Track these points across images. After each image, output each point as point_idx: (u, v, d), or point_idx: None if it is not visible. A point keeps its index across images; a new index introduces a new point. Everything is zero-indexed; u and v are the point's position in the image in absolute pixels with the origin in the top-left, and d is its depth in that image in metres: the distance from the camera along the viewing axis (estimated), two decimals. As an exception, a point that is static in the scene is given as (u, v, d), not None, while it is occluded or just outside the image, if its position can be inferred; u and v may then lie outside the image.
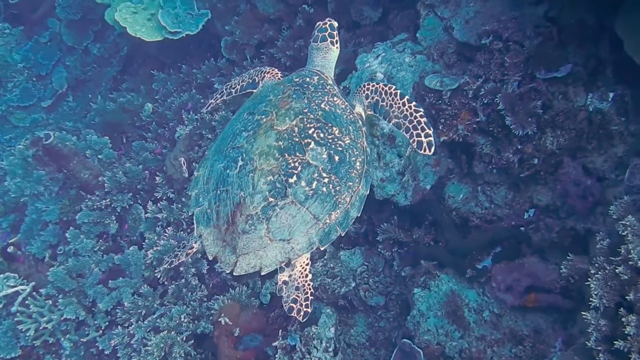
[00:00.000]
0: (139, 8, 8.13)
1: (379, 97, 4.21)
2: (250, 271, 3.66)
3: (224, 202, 3.76)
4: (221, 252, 3.76)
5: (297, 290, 3.80)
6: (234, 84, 4.93)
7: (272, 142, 3.73)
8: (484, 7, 5.48)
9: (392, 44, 6.04)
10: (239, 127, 4.00)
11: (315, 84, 4.15)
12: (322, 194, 3.69)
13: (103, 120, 8.32)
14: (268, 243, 3.64)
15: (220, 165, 3.89)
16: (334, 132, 3.86)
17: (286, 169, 3.65)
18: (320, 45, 4.51)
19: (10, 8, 11.21)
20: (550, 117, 4.91)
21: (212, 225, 3.84)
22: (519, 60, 5.04)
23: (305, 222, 3.67)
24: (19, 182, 7.49)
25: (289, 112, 3.86)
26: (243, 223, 3.63)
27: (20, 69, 10.59)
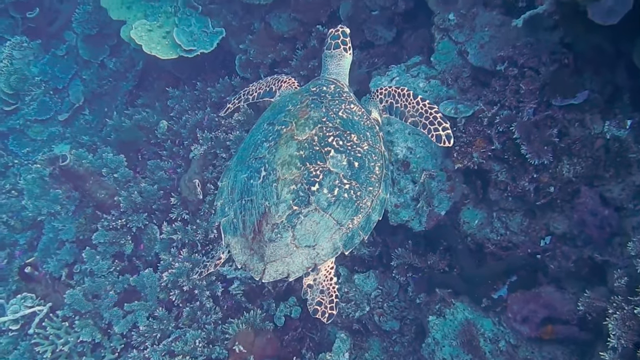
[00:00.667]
0: (154, 26, 8.16)
1: (392, 100, 4.33)
2: (278, 278, 3.75)
3: (249, 212, 3.83)
4: (249, 261, 3.83)
5: (322, 293, 3.88)
6: (252, 90, 4.98)
7: (294, 151, 3.80)
8: (499, 32, 5.43)
9: (406, 67, 6.01)
10: (259, 137, 4.07)
11: (332, 93, 4.22)
12: (343, 200, 3.76)
13: (119, 138, 8.36)
14: (294, 250, 3.72)
15: (244, 175, 3.96)
16: (352, 139, 3.93)
17: (308, 177, 3.72)
18: (334, 53, 4.56)
19: (27, 21, 11.31)
20: (566, 145, 4.87)
21: (239, 235, 3.91)
22: (534, 87, 4.99)
23: (329, 228, 3.75)
24: (36, 201, 7.54)
25: (308, 121, 3.93)
26: (269, 232, 3.69)
27: (37, 83, 10.66)
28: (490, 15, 5.50)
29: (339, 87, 4.34)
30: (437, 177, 5.49)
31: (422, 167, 5.49)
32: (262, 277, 3.74)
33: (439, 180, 5.49)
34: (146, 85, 9.79)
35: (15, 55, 10.82)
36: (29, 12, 11.02)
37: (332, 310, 3.86)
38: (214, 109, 7.85)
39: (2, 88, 10.57)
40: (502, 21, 5.44)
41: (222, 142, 7.10)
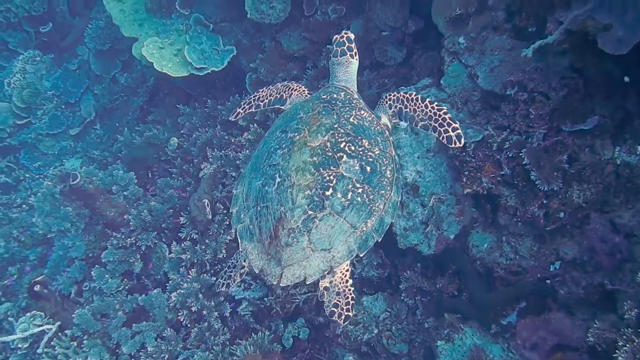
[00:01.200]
0: (165, 43, 8.21)
1: (401, 105, 4.46)
2: (296, 281, 3.83)
3: (265, 218, 3.92)
4: (267, 265, 3.91)
5: (338, 295, 3.98)
6: (262, 97, 5.07)
7: (307, 158, 3.89)
8: (509, 57, 5.41)
9: (416, 89, 6.00)
10: (273, 145, 4.16)
11: (343, 100, 4.33)
12: (357, 203, 3.85)
13: (129, 154, 8.40)
14: (310, 254, 3.81)
15: (258, 182, 4.05)
16: (364, 144, 4.03)
17: (322, 182, 3.81)
18: (341, 60, 4.66)
19: (40, 35, 11.41)
20: (576, 171, 4.85)
21: (255, 240, 4.00)
22: (544, 112, 4.97)
23: (344, 232, 3.84)
24: (46, 218, 7.58)
25: (320, 128, 4.02)
26: (286, 236, 3.78)
27: (49, 97, 10.74)
28: (500, 39, 5.49)
29: (348, 94, 4.46)
30: (446, 201, 5.47)
31: (431, 191, 5.48)
32: (279, 281, 3.83)
33: (448, 204, 5.47)
34: (157, 101, 9.84)
35: (28, 69, 10.92)
36: (43, 26, 11.13)
37: (348, 312, 3.96)
38: (225, 127, 7.87)
39: (15, 102, 10.66)
40: (512, 45, 5.42)
41: (232, 161, 7.12)
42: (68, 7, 11.61)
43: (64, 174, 7.51)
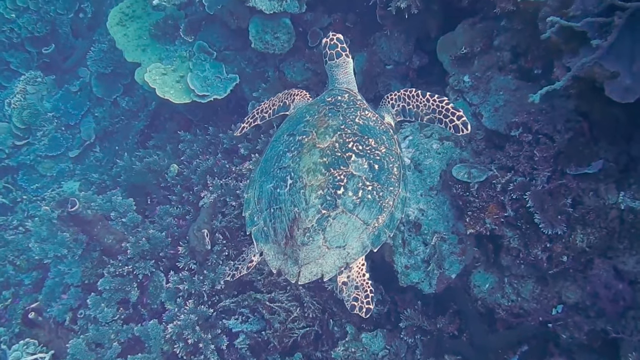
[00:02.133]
0: (168, 69, 8.21)
1: (404, 103, 4.51)
2: (313, 279, 3.89)
3: (279, 219, 3.95)
4: (284, 265, 3.96)
5: (357, 289, 4.01)
6: (266, 108, 5.09)
7: (317, 159, 3.95)
8: (514, 97, 5.41)
9: (420, 125, 5.99)
10: (281, 148, 4.21)
11: (347, 101, 4.40)
12: (368, 201, 3.91)
13: (128, 180, 8.36)
14: (326, 251, 3.86)
15: (270, 185, 4.09)
16: (370, 143, 4.09)
17: (333, 182, 3.87)
18: (339, 62, 4.67)
19: (42, 56, 11.43)
20: (580, 215, 4.81)
21: (270, 242, 4.03)
22: (548, 155, 4.96)
23: (357, 228, 3.89)
24: (43, 244, 7.51)
25: (327, 130, 4.09)
26: (301, 236, 3.82)
27: (49, 118, 10.74)
28: (505, 79, 5.50)
29: (352, 95, 4.54)
30: (448, 239, 5.43)
31: (433, 229, 5.44)
32: (297, 279, 3.88)
33: (450, 243, 5.44)
34: (157, 125, 9.83)
35: (29, 90, 10.92)
36: (45, 47, 11.18)
37: (368, 304, 3.98)
38: (226, 155, 7.85)
39: (15, 122, 10.66)
40: (517, 86, 5.42)
41: (232, 190, 7.08)
42: (71, 28, 11.68)
43: (62, 199, 7.47)
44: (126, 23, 9.09)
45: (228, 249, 6.74)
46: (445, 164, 5.52)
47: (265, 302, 6.21)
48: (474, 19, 5.78)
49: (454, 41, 5.81)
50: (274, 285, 6.45)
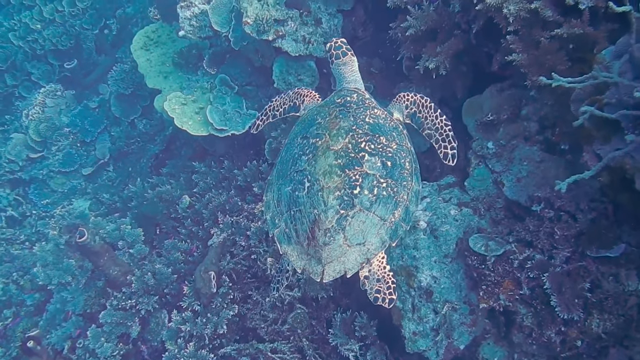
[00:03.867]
0: (188, 100, 8.15)
1: (417, 109, 4.76)
2: (337, 276, 4.04)
3: (300, 221, 4.11)
4: (308, 265, 4.11)
5: (379, 281, 4.21)
6: (276, 106, 5.25)
7: (332, 161, 4.12)
8: (538, 169, 5.29)
9: (439, 186, 5.88)
10: (296, 151, 4.36)
11: (356, 101, 4.58)
12: (383, 197, 4.08)
13: (139, 209, 8.27)
14: (347, 249, 4.02)
15: (288, 188, 4.25)
16: (381, 141, 4.26)
17: (349, 182, 4.04)
18: (345, 60, 4.86)
19: (64, 70, 11.43)
20: (598, 300, 4.68)
21: (293, 243, 4.19)
22: (569, 234, 4.84)
23: (375, 225, 4.06)
24: (48, 269, 7.43)
25: (340, 131, 4.25)
26: (323, 236, 3.98)
27: (66, 133, 10.72)
28: (530, 150, 5.38)
29: (360, 94, 4.71)
30: (459, 309, 5.30)
31: (445, 298, 5.31)
32: (322, 277, 4.04)
33: (461, 313, 5.30)
34: (173, 150, 9.79)
35: (48, 103, 10.94)
36: (67, 62, 11.16)
37: (391, 295, 4.17)
38: (238, 191, 7.74)
39: (31, 134, 10.66)
40: (542, 158, 5.30)
41: (242, 230, 6.98)
42: (95, 44, 11.67)
43: (70, 224, 7.39)
44: (150, 48, 9.07)
45: (234, 291, 6.62)
46: (462, 232, 5.40)
47: (267, 353, 6.09)
48: (503, 85, 5.68)
49: (480, 105, 5.71)
50: (278, 334, 6.34)
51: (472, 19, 5.51)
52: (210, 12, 7.51)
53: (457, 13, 5.65)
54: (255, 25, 6.99)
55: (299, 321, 6.32)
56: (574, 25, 4.69)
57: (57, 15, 11.75)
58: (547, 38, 4.89)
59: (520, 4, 4.94)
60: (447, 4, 5.79)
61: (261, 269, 6.64)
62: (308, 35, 7.12)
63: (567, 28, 4.72)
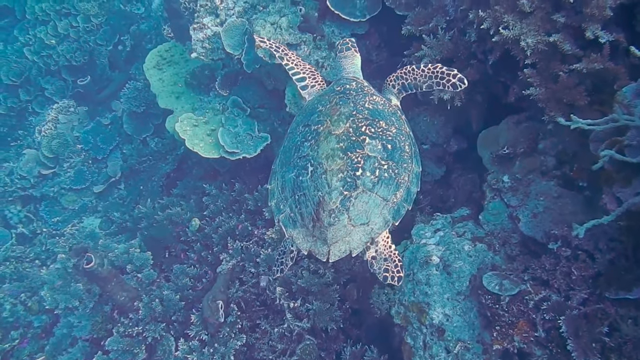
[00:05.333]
0: (200, 121, 8.06)
1: (402, 80, 4.99)
2: (343, 255, 4.17)
3: (304, 204, 4.25)
4: (313, 246, 4.24)
5: (386, 261, 4.41)
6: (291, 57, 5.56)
7: (334, 145, 4.27)
8: (555, 204, 5.13)
9: (452, 219, 5.74)
10: (299, 139, 4.53)
11: (355, 89, 4.78)
12: (385, 179, 4.23)
13: (149, 231, 8.18)
14: (352, 229, 4.15)
15: (291, 174, 4.40)
16: (381, 125, 4.43)
17: (352, 164, 4.19)
18: (347, 54, 5.25)
19: (77, 86, 11.42)
20: (616, 344, 4.49)
21: (298, 226, 4.32)
22: (587, 274, 4.67)
23: (377, 205, 4.20)
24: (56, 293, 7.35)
25: (340, 117, 4.43)
26: (328, 217, 4.11)
27: (78, 150, 10.68)
28: (547, 185, 5.22)
29: (359, 83, 4.92)
30: (472, 349, 5.13)
31: (457, 336, 5.15)
32: (328, 257, 4.15)
33: (474, 352, 5.13)
34: (184, 169, 9.72)
35: (61, 119, 10.92)
36: (81, 79, 11.13)
37: (399, 273, 4.41)
38: (249, 215, 7.64)
39: (43, 151, 10.62)
40: (559, 194, 5.15)
41: (252, 256, 6.88)
42: (109, 60, 11.65)
43: (79, 247, 7.31)
44: (163, 67, 9.03)
45: (242, 320, 6.51)
46: (476, 269, 5.24)
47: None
48: (520, 117, 5.54)
49: (496, 137, 5.57)
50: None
51: (488, 49, 5.38)
52: (223, 35, 7.42)
53: (473, 42, 5.52)
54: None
55: (307, 352, 6.18)
56: (594, 60, 4.57)
57: (72, 31, 11.77)
58: (565, 72, 4.75)
59: (538, 36, 4.82)
60: (463, 33, 5.67)
61: (270, 297, 6.52)
62: (321, 60, 7.01)
63: (586, 63, 4.60)
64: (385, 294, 5.67)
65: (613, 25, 4.68)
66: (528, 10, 4.86)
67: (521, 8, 4.87)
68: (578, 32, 4.75)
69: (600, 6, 4.52)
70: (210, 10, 7.76)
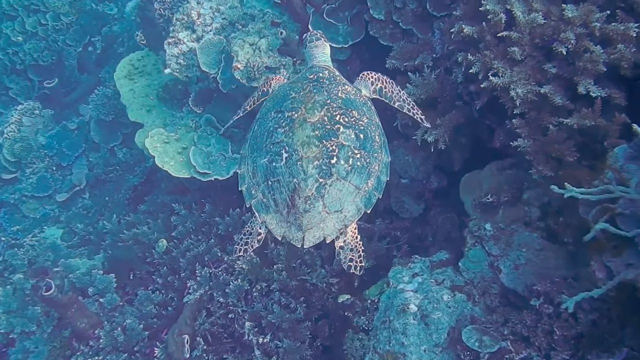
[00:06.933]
0: (171, 138, 7.76)
1: (382, 85, 5.14)
2: (317, 242, 4.33)
3: (278, 190, 4.35)
4: (288, 232, 4.39)
5: (352, 251, 4.48)
6: (250, 103, 5.69)
7: (309, 132, 4.35)
8: (537, 257, 5.00)
9: (431, 263, 5.58)
10: (271, 125, 4.58)
11: (328, 77, 4.86)
12: (357, 167, 4.36)
13: (113, 250, 7.85)
14: (326, 216, 4.30)
15: (264, 160, 4.48)
16: (354, 115, 4.55)
17: (327, 152, 4.29)
18: (317, 44, 5.30)
19: (43, 87, 10.97)
20: (598, 410, 4.38)
21: (272, 212, 4.44)
22: (569, 334, 4.54)
23: (350, 193, 4.35)
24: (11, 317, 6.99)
25: (315, 105, 4.50)
26: (303, 204, 4.24)
27: (41, 155, 10.25)
28: (530, 236, 5.08)
29: (331, 72, 5.03)
30: (448, 403, 4.98)
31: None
32: (303, 243, 4.30)
33: (449, 407, 4.99)
34: (153, 181, 9.42)
35: (25, 122, 10.49)
36: (48, 81, 10.71)
37: (361, 263, 4.51)
38: (219, 240, 7.36)
39: (5, 154, 10.17)
40: (542, 246, 5.01)
41: (221, 285, 6.61)
42: (78, 62, 11.22)
43: (38, 268, 6.96)
44: (135, 77, 8.69)
45: (208, 354, 6.26)
46: (454, 320, 5.08)
47: None
48: (504, 163, 5.39)
49: (479, 182, 5.42)
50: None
51: (475, 92, 5.21)
52: (199, 52, 7.13)
53: (459, 83, 5.36)
54: (245, 72, 6.65)
55: (276, 390, 5.97)
56: (585, 115, 4.44)
57: (40, 29, 11.27)
58: (555, 125, 4.61)
59: (528, 86, 4.67)
60: (449, 72, 5.50)
61: (238, 331, 6.28)
62: (301, 85, 6.78)
63: (577, 118, 4.47)
64: (360, 339, 5.50)
65: (605, 80, 4.55)
66: (519, 58, 4.72)
67: (512, 55, 4.73)
68: (569, 83, 4.62)
69: (594, 60, 4.40)
70: (187, 25, 7.48)
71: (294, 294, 6.28)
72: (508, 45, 4.74)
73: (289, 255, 6.40)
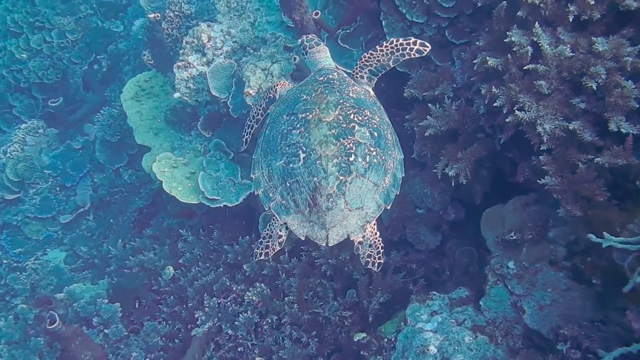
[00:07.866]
0: (179, 162, 7.58)
1: (367, 67, 5.08)
2: (341, 239, 4.35)
3: (297, 191, 4.34)
4: (311, 231, 4.39)
5: (371, 247, 4.47)
6: (256, 112, 5.57)
7: (326, 131, 4.35)
8: (563, 298, 4.79)
9: (450, 301, 5.38)
10: (284, 127, 4.56)
11: (338, 78, 4.86)
12: (374, 164, 4.38)
13: (118, 278, 7.66)
14: (348, 213, 4.31)
15: (279, 162, 4.45)
16: (366, 114, 4.57)
17: (345, 150, 4.30)
18: (319, 48, 5.28)
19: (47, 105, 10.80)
20: None
21: (292, 212, 4.42)
22: (598, 384, 4.32)
23: (370, 190, 4.36)
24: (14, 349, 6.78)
25: (329, 105, 4.51)
26: (325, 202, 4.24)
27: (45, 176, 10.07)
28: (555, 276, 4.87)
29: (340, 73, 5.00)
30: None
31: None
32: (327, 241, 4.32)
33: None
34: (159, 204, 9.22)
35: (28, 141, 10.35)
36: (52, 100, 10.53)
37: (380, 259, 4.50)
38: (227, 268, 7.17)
39: (8, 174, 9.99)
40: (568, 286, 4.80)
41: (230, 316, 6.43)
42: (83, 80, 11.07)
43: (41, 297, 6.76)
44: (142, 99, 8.53)
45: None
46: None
47: None
48: (528, 199, 5.19)
49: (502, 218, 5.22)
50: None
51: (498, 125, 5.04)
52: (210, 76, 6.97)
53: (481, 115, 5.17)
54: (257, 97, 6.47)
55: None
56: (617, 154, 4.23)
57: (45, 46, 11.14)
58: (584, 162, 4.41)
59: (556, 121, 4.48)
60: (470, 103, 5.32)
61: (248, 365, 6.09)
62: (314, 111, 6.61)
63: (608, 157, 4.26)
64: (376, 380, 5.28)
65: (637, 116, 4.37)
66: (546, 92, 4.53)
67: (538, 89, 4.54)
68: (598, 118, 4.43)
69: (626, 96, 4.21)
70: (197, 48, 7.31)
71: (306, 328, 6.10)
72: (534, 78, 4.56)
73: (300, 286, 6.21)
